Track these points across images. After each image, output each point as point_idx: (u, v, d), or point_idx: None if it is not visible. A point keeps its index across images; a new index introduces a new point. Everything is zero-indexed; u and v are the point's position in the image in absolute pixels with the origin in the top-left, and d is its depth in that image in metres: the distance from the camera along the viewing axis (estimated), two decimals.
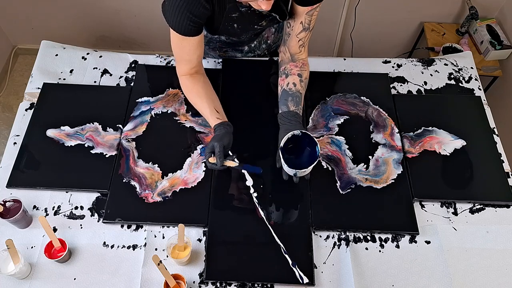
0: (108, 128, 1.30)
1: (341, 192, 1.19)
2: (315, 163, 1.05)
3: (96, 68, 1.45)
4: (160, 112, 1.33)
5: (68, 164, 1.22)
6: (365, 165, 1.24)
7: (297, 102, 1.16)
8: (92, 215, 1.17)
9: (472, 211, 1.19)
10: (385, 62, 1.49)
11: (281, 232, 1.12)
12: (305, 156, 1.12)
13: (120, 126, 1.30)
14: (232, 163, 1.10)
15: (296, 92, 1.17)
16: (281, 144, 1.07)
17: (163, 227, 1.15)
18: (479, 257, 1.11)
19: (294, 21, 1.15)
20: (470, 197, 1.20)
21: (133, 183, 1.19)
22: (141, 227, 1.15)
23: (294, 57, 1.21)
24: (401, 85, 1.43)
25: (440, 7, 2.18)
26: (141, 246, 1.12)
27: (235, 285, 1.07)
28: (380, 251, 1.12)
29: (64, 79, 1.42)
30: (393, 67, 1.48)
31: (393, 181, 1.21)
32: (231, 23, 1.13)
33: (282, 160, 1.06)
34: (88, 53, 1.48)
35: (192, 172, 1.22)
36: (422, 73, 1.46)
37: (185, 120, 1.31)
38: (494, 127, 1.34)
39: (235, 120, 1.30)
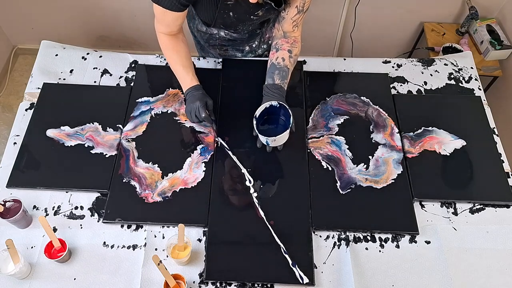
0: (108, 128, 1.30)
1: (341, 192, 1.19)
2: (284, 133, 1.12)
3: (96, 68, 1.45)
4: (160, 112, 1.33)
5: (68, 164, 1.22)
6: (365, 165, 1.24)
7: (283, 76, 1.19)
8: (92, 215, 1.17)
9: (472, 211, 1.19)
10: (385, 62, 1.49)
11: (281, 232, 1.12)
12: (279, 127, 1.18)
13: (120, 126, 1.30)
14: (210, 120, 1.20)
15: (283, 66, 1.20)
16: (257, 113, 1.14)
17: (163, 227, 1.15)
18: (479, 257, 1.11)
19: (290, 6, 1.17)
20: (470, 197, 1.20)
21: (133, 183, 1.19)
22: (141, 227, 1.15)
23: (287, 34, 1.24)
24: (401, 85, 1.43)
25: (440, 7, 2.18)
26: (141, 246, 1.12)
27: (235, 285, 1.07)
28: (380, 251, 1.12)
29: (64, 79, 1.42)
30: (393, 67, 1.48)
31: (393, 181, 1.21)
32: (226, 11, 1.14)
33: (255, 127, 1.14)
34: (88, 53, 1.48)
35: (192, 172, 1.22)
36: (422, 73, 1.46)
37: (185, 120, 1.31)
38: (494, 127, 1.34)
39: (235, 120, 1.30)
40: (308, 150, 1.26)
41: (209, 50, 1.45)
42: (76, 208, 1.18)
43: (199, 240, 1.13)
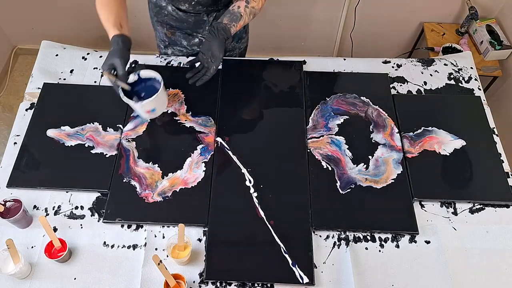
0: (108, 128, 1.30)
1: (341, 192, 1.19)
2: (141, 102, 1.14)
3: (96, 68, 1.45)
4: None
5: (68, 164, 1.22)
6: (365, 165, 1.24)
7: (233, 19, 1.20)
8: (92, 215, 1.17)
9: (472, 211, 1.19)
10: (385, 62, 1.49)
11: (281, 232, 1.12)
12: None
13: (120, 126, 1.30)
14: (126, 86, 1.15)
15: (236, 12, 1.21)
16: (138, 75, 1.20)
17: (163, 227, 1.15)
18: (479, 257, 1.11)
19: None
20: (470, 197, 1.20)
21: (133, 183, 1.19)
22: (141, 227, 1.15)
23: None
24: (401, 85, 1.43)
25: (440, 7, 2.18)
26: (141, 246, 1.12)
27: (235, 285, 1.07)
28: (380, 251, 1.12)
29: (65, 79, 1.42)
30: (393, 67, 1.48)
31: (393, 181, 1.21)
32: None
33: (121, 88, 1.16)
34: (88, 53, 1.49)
35: (192, 172, 1.22)
36: (422, 73, 1.46)
37: (185, 120, 1.31)
38: (494, 127, 1.34)
39: (235, 120, 1.30)
40: (308, 150, 1.26)
41: (157, 27, 1.46)
42: (76, 208, 1.18)
43: (199, 240, 1.13)
